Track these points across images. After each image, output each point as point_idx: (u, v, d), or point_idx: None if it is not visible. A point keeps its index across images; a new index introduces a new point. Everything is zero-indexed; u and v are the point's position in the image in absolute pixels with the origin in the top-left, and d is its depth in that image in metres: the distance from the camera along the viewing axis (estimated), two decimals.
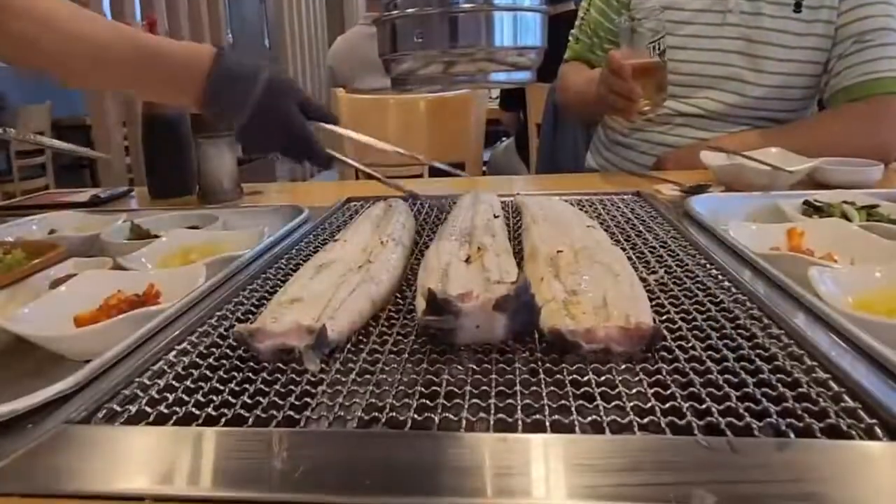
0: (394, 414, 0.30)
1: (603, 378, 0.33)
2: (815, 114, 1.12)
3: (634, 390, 0.32)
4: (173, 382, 0.35)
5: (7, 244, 0.68)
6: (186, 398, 0.33)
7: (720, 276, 0.48)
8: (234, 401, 0.33)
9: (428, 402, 0.32)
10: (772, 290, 0.44)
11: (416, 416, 0.30)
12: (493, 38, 0.43)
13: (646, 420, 0.29)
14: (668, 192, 0.84)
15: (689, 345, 0.37)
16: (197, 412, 0.32)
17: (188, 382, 0.35)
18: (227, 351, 0.39)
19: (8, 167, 3.91)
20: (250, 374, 0.36)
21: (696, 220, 0.66)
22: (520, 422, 0.29)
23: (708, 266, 0.51)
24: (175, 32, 3.81)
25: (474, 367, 0.35)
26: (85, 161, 4.22)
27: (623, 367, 0.35)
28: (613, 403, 0.31)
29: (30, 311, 0.50)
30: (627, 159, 1.19)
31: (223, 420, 0.31)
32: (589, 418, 0.29)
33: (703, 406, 0.30)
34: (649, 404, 0.30)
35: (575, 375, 0.34)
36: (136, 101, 1.00)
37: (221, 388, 0.34)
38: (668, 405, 0.30)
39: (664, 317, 0.42)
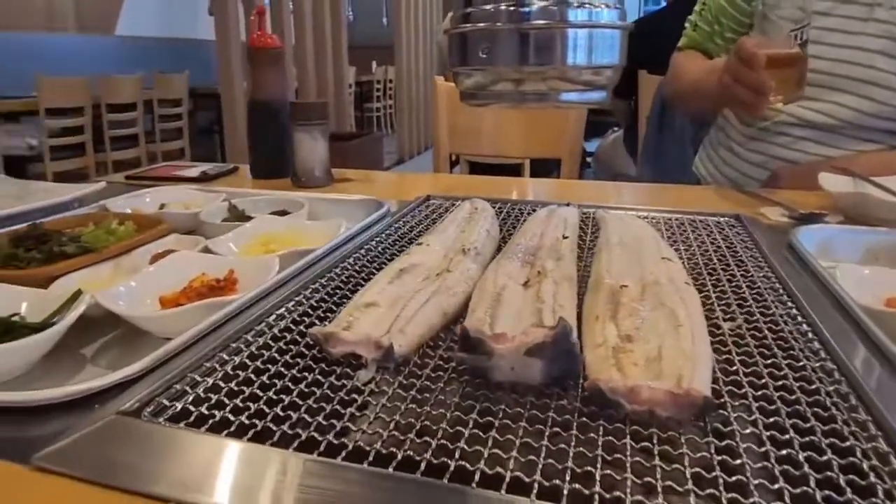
0: (411, 453, 0.30)
1: (640, 445, 0.31)
2: None
3: (672, 467, 0.29)
4: (220, 382, 0.37)
5: (122, 216, 0.76)
6: (226, 401, 0.35)
7: (810, 334, 0.43)
8: (267, 411, 0.34)
9: (448, 444, 0.31)
10: (872, 360, 0.39)
11: (432, 458, 0.30)
12: (566, 56, 0.40)
13: None
14: (774, 216, 0.76)
15: (751, 418, 0.33)
16: (232, 418, 0.33)
17: (232, 384, 0.37)
18: (275, 355, 0.41)
19: (152, 129, 4.39)
20: (289, 384, 0.37)
21: (799, 256, 0.59)
22: (536, 485, 0.28)
23: (799, 318, 0.45)
24: (298, 10, 4.00)
25: (506, 408, 0.34)
26: (216, 127, 4.62)
27: (666, 435, 0.32)
28: (644, 480, 0.28)
29: (125, 288, 0.55)
30: (739, 171, 1.09)
31: (251, 432, 0.32)
32: (612, 493, 0.27)
33: (749, 502, 0.27)
34: (686, 490, 0.28)
35: (610, 437, 0.31)
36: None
37: (260, 394, 0.36)
38: (706, 493, 0.27)
39: (729, 377, 0.37)
